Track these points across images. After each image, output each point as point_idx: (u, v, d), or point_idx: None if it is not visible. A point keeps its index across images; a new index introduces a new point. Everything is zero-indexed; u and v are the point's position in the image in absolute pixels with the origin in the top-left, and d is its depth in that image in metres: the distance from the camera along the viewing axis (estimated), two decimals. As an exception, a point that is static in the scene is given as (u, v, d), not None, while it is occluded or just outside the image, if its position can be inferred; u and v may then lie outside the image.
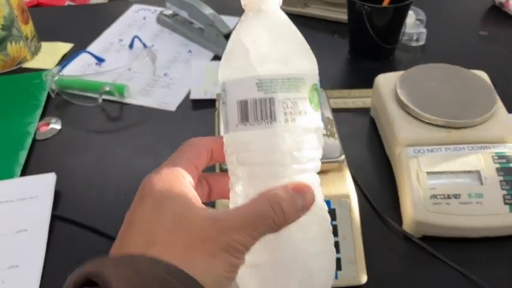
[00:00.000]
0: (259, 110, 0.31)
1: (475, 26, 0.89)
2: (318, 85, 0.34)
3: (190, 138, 0.35)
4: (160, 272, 0.27)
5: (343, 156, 0.51)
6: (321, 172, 0.51)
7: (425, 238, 0.53)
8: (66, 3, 1.29)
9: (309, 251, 0.33)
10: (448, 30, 0.87)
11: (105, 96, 0.74)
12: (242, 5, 0.34)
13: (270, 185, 0.31)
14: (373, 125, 0.68)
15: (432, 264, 0.52)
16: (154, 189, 0.31)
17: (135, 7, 0.98)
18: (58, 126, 0.71)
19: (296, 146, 0.32)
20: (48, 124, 0.71)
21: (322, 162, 0.39)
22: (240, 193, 0.33)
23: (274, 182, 0.31)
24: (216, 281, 0.28)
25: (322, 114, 0.36)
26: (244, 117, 0.32)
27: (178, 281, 0.26)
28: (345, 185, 0.51)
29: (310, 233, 0.33)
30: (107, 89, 0.72)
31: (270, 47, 0.33)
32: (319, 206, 0.34)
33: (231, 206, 0.34)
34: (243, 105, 0.32)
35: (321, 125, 0.34)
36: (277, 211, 0.30)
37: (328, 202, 0.49)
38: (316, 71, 0.34)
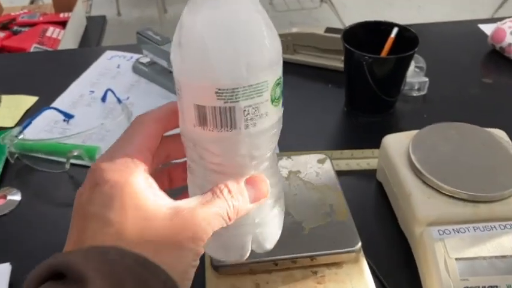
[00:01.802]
0: (218, 118, 0.30)
1: (477, 73, 0.83)
2: (281, 75, 0.32)
3: (138, 116, 0.34)
4: (131, 263, 0.27)
5: (359, 244, 0.43)
6: (334, 264, 0.43)
7: (457, 337, 0.44)
8: (33, 46, 1.20)
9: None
10: (449, 78, 0.81)
11: (73, 161, 0.65)
12: None
13: (228, 179, 0.32)
14: (380, 190, 0.60)
15: None
16: (108, 180, 0.29)
17: (108, 54, 0.90)
18: (17, 198, 0.61)
19: (256, 146, 0.32)
20: (5, 196, 0.61)
21: (335, 254, 0.42)
22: (197, 180, 0.34)
23: (232, 177, 0.32)
24: (183, 271, 0.29)
25: (329, 189, 0.43)
26: (202, 122, 0.30)
27: (149, 272, 0.27)
28: (364, 283, 0.42)
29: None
30: (75, 153, 0.63)
31: (233, 50, 0.29)
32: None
33: (190, 189, 0.35)
34: (201, 111, 0.30)
35: (280, 116, 0.33)
36: (231, 208, 0.31)
37: (345, 305, 0.41)
38: (281, 60, 0.32)
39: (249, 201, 0.32)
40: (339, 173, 0.56)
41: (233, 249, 0.35)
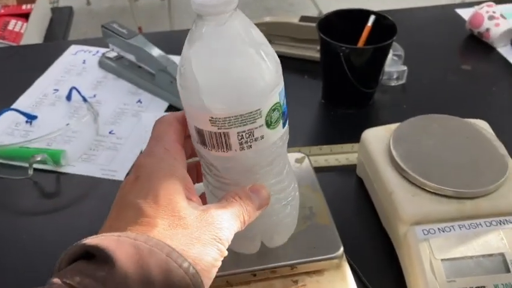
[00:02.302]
0: (214, 141, 0.32)
1: (456, 59, 0.81)
2: (281, 96, 0.33)
3: (163, 116, 0.36)
4: (157, 250, 0.28)
5: (341, 250, 0.41)
6: (316, 272, 0.41)
7: None
8: (-6, 41, 1.13)
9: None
10: (427, 65, 0.79)
11: (37, 165, 0.61)
12: (193, 8, 0.30)
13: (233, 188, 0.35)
14: (361, 186, 0.58)
15: None
16: (149, 174, 0.32)
17: (73, 48, 0.85)
18: (-24, 208, 0.57)
19: (255, 163, 0.34)
20: (-37, 207, 0.57)
21: (316, 261, 0.40)
22: (209, 186, 0.37)
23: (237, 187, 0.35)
24: (206, 268, 0.30)
25: (309, 190, 0.45)
26: (201, 142, 0.33)
27: (173, 260, 0.28)
28: (348, 290, 0.40)
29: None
30: (39, 158, 0.59)
31: (222, 83, 0.31)
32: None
33: (206, 193, 0.38)
34: (200, 132, 0.33)
35: (282, 134, 0.34)
36: (246, 213, 0.33)
37: (328, 316, 0.38)
38: (278, 86, 0.33)
39: (256, 207, 0.34)
40: (318, 170, 0.54)
41: (245, 244, 0.39)
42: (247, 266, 0.40)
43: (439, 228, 0.45)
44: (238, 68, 0.31)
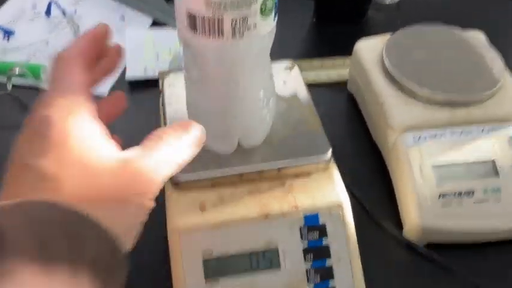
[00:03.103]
0: (207, 26, 0.31)
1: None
2: None
3: (59, 53, 0.31)
4: (62, 218, 0.24)
5: (330, 152, 0.40)
6: (302, 175, 0.40)
7: (431, 246, 0.43)
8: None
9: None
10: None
11: (16, 81, 0.58)
12: None
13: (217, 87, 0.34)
14: (352, 102, 0.57)
15: (442, 276, 0.42)
16: (48, 126, 0.26)
17: (51, -37, 0.80)
18: (-45, 123, 0.55)
19: (243, 55, 0.33)
20: None
21: (304, 164, 0.40)
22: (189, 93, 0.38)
23: (221, 84, 0.34)
24: (127, 228, 0.27)
25: (297, 97, 0.44)
26: (192, 26, 0.32)
27: (83, 227, 0.24)
28: (335, 191, 0.39)
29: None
30: (17, 71, 0.56)
31: None
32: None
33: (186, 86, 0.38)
34: (191, 17, 0.31)
35: (272, 28, 0.33)
36: (177, 152, 0.30)
37: (315, 216, 0.38)
38: None
39: (190, 145, 0.30)
40: (308, 86, 0.52)
41: (223, 143, 0.38)
42: (234, 167, 0.39)
43: (430, 135, 0.44)
44: None
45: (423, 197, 0.41)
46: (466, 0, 0.73)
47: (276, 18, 0.34)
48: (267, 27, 0.33)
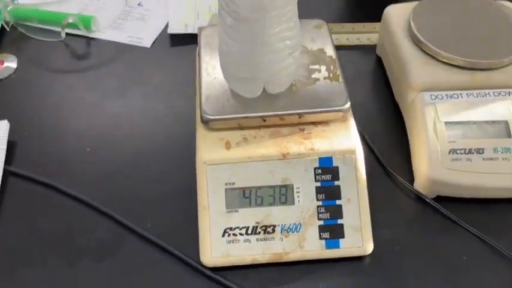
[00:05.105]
0: None
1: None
2: None
3: None
4: None
5: (348, 104, 0.43)
6: (322, 123, 0.44)
7: (440, 199, 0.46)
8: None
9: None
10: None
11: (69, 30, 0.64)
12: None
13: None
14: (379, 66, 0.59)
15: (448, 229, 0.45)
16: None
17: None
18: (14, 65, 0.61)
19: (271, 3, 0.36)
20: (2, 62, 0.61)
21: (323, 112, 0.43)
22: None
23: (251, 26, 0.37)
24: None
25: (323, 53, 0.47)
26: None
27: None
28: (350, 139, 0.42)
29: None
30: (70, 20, 0.62)
31: None
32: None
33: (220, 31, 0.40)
34: None
35: None
36: None
37: (330, 159, 0.42)
38: None
39: None
40: (339, 48, 0.54)
41: (250, 87, 0.42)
42: (258, 111, 0.42)
43: (447, 95, 0.47)
44: None
45: (434, 151, 0.44)
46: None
47: None
48: None
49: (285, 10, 0.38)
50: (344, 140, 0.42)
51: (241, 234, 0.41)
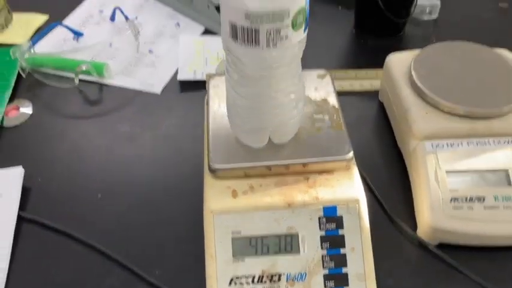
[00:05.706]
0: (245, 35, 0.36)
1: (494, -4, 0.81)
2: (307, 3, 0.37)
3: None
4: None
5: (351, 153, 0.44)
6: (326, 171, 0.45)
7: (443, 246, 0.46)
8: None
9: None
10: (462, 1, 0.79)
11: (82, 77, 0.66)
12: None
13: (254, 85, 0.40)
14: (382, 111, 0.61)
15: (450, 276, 0.45)
16: None
17: (118, -26, 0.89)
18: (29, 111, 0.63)
19: (276, 61, 0.38)
20: (18, 108, 0.63)
21: (327, 161, 0.44)
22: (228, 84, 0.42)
23: (257, 83, 0.40)
24: None
25: (327, 102, 0.49)
26: (234, 36, 0.37)
27: None
28: (354, 188, 0.44)
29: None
30: (84, 68, 0.64)
31: None
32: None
33: (227, 86, 0.43)
34: (233, 27, 0.36)
35: (302, 38, 0.38)
36: None
37: (334, 208, 0.43)
38: None
39: None
40: (342, 93, 0.57)
41: (256, 138, 0.44)
42: (264, 160, 0.44)
43: (447, 143, 0.48)
44: None
45: (436, 199, 0.45)
46: (505, 20, 0.76)
47: (306, 31, 0.39)
48: (297, 38, 0.38)
49: (290, 67, 0.40)
50: (347, 189, 0.43)
51: (247, 283, 0.42)
